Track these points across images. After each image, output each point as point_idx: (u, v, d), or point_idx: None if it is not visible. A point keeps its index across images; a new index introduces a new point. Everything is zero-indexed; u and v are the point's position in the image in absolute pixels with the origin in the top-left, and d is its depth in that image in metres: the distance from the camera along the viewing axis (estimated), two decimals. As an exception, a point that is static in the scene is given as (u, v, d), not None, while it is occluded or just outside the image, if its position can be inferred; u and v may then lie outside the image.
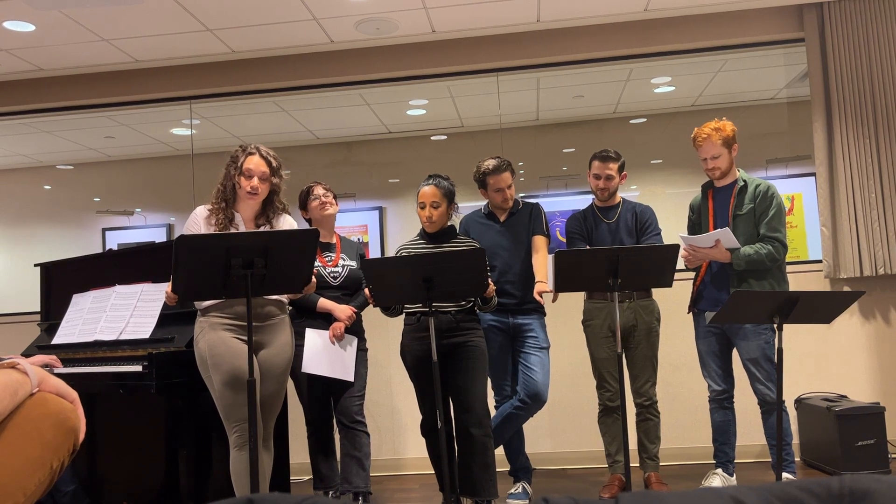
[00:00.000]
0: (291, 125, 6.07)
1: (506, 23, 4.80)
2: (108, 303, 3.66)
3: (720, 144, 3.59)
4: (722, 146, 3.60)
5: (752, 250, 3.50)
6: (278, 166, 3.12)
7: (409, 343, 3.46)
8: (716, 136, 3.58)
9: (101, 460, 3.86)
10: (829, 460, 4.09)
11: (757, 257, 3.49)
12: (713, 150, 3.60)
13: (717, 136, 3.58)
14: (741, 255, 3.49)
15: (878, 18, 4.61)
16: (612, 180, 3.77)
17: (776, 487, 0.88)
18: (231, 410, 2.94)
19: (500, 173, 3.72)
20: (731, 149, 3.63)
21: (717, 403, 3.70)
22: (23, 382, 1.47)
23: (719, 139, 3.59)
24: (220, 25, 4.58)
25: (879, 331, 4.60)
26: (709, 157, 3.62)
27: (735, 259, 3.49)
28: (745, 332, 3.56)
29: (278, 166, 3.12)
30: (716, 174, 3.65)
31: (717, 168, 3.63)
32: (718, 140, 3.59)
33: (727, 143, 3.61)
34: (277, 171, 3.12)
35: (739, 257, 3.49)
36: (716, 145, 3.59)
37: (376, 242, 6.20)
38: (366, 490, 3.63)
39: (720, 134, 3.59)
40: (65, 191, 6.72)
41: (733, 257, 3.49)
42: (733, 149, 3.64)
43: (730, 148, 3.62)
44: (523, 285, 3.71)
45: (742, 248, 3.50)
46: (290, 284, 2.80)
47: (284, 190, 3.20)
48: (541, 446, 4.69)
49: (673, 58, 5.04)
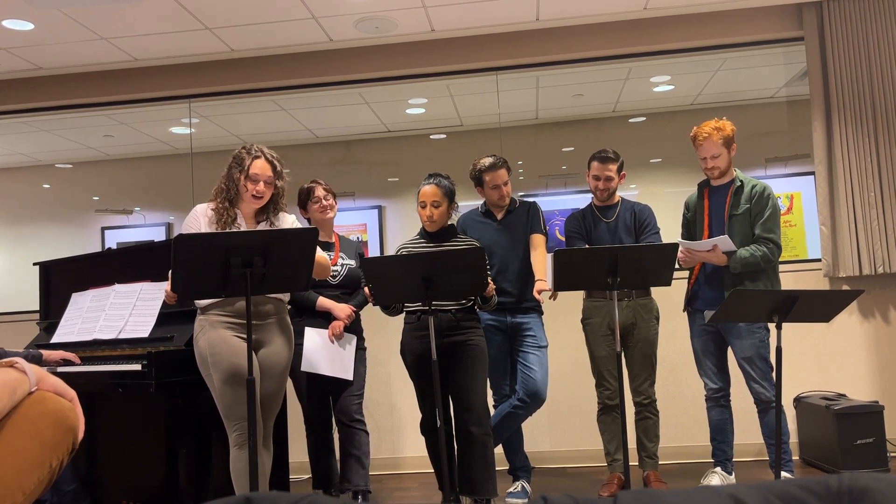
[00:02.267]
0: (291, 124, 6.07)
1: (505, 22, 4.80)
2: (107, 302, 3.66)
3: (720, 144, 3.60)
4: (722, 146, 3.60)
5: (747, 253, 3.51)
6: (281, 169, 3.13)
7: (409, 342, 3.45)
8: (716, 135, 3.59)
9: (100, 459, 3.86)
10: (828, 459, 4.10)
11: (753, 259, 3.50)
12: (713, 149, 3.61)
13: (717, 136, 3.59)
14: (737, 258, 3.50)
15: (877, 17, 4.61)
16: (611, 181, 3.78)
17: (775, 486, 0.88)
18: (231, 409, 2.94)
19: (496, 170, 3.73)
20: (731, 148, 3.64)
21: (713, 402, 3.71)
22: (21, 381, 1.47)
23: (720, 138, 3.59)
24: (220, 24, 4.58)
25: (878, 329, 4.61)
26: (708, 156, 3.63)
27: (732, 262, 3.50)
28: (740, 330, 3.57)
29: (281, 169, 3.13)
30: (714, 173, 3.66)
31: (716, 167, 3.64)
32: (719, 139, 3.59)
33: (727, 142, 3.61)
34: (281, 173, 3.13)
35: (736, 260, 3.50)
36: (716, 144, 3.60)
37: (375, 241, 6.20)
38: (365, 489, 3.63)
39: (720, 133, 3.59)
40: (64, 190, 6.71)
41: (730, 260, 3.50)
42: (732, 148, 3.65)
43: (729, 147, 3.63)
44: (521, 284, 3.71)
45: (738, 251, 3.51)
46: (290, 283, 2.80)
47: (287, 191, 3.21)
48: (540, 445, 4.69)
49: (672, 57, 5.04)
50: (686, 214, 3.84)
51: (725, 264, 3.52)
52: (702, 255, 3.56)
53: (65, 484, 3.70)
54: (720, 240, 3.47)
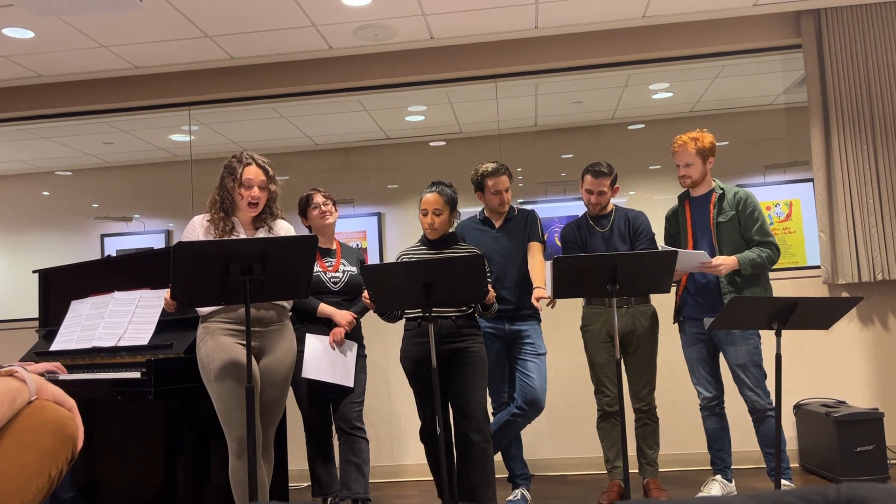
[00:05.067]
0: (290, 131, 6.08)
1: (504, 29, 4.81)
2: (106, 309, 3.66)
3: (693, 153, 3.64)
4: (696, 155, 3.64)
5: (753, 255, 3.53)
6: (274, 173, 3.15)
7: (409, 348, 3.45)
8: (691, 144, 3.63)
9: (99, 467, 3.85)
10: (828, 466, 4.09)
11: (760, 261, 3.53)
12: (686, 157, 3.65)
13: (692, 146, 3.63)
14: (746, 260, 3.51)
15: (874, 25, 4.62)
16: (603, 195, 3.81)
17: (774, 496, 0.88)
18: (231, 417, 2.93)
19: (499, 175, 3.75)
20: (706, 160, 3.67)
21: (708, 411, 3.71)
22: (21, 390, 1.47)
23: (694, 148, 3.63)
24: (219, 32, 4.59)
25: (878, 336, 4.61)
26: (682, 164, 3.68)
27: (742, 264, 3.51)
28: (733, 337, 3.57)
29: (274, 173, 3.15)
30: (686, 182, 3.70)
31: (687, 176, 3.68)
32: (693, 149, 3.63)
33: (701, 153, 3.64)
34: (274, 178, 3.15)
35: (745, 262, 3.51)
36: (689, 154, 3.64)
37: (375, 248, 6.20)
38: (365, 496, 3.62)
39: (696, 144, 3.63)
40: (63, 197, 6.72)
41: (740, 263, 3.51)
42: (708, 161, 3.67)
43: (704, 159, 3.66)
44: (519, 291, 3.72)
45: (744, 253, 3.53)
46: (289, 290, 2.80)
47: (280, 195, 3.22)
48: (539, 452, 4.68)
49: (671, 64, 5.06)
50: (668, 227, 3.86)
51: (738, 267, 3.52)
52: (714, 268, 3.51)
53: (63, 491, 3.69)
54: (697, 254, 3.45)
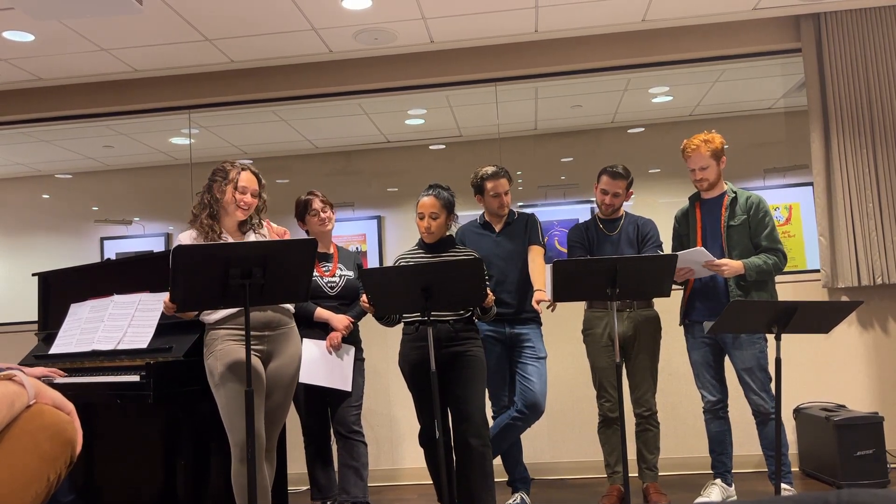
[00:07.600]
0: (290, 135, 6.08)
1: (504, 33, 4.82)
2: (105, 312, 3.66)
3: (708, 156, 3.63)
4: (710, 157, 3.63)
5: (759, 260, 3.53)
6: (265, 183, 3.21)
7: (408, 352, 3.45)
8: (704, 147, 3.62)
9: (98, 470, 3.84)
10: (828, 470, 4.08)
11: (766, 267, 3.53)
12: (701, 161, 3.64)
13: (705, 148, 3.62)
14: (751, 266, 3.51)
15: (874, 29, 4.63)
16: (618, 197, 3.80)
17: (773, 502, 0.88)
18: (235, 421, 2.92)
19: (498, 178, 3.75)
20: (720, 161, 3.67)
21: (712, 414, 3.71)
22: (19, 394, 1.46)
23: (707, 151, 3.62)
24: (220, 35, 4.60)
25: (878, 340, 4.60)
26: (697, 168, 3.66)
27: (747, 270, 3.51)
28: (740, 341, 3.57)
29: (265, 183, 3.21)
30: (703, 185, 3.69)
31: (704, 179, 3.66)
32: (707, 152, 3.62)
33: (715, 154, 3.64)
34: (264, 188, 3.21)
35: (750, 267, 3.51)
36: (704, 157, 3.63)
37: (375, 251, 6.20)
38: (364, 500, 3.62)
39: (709, 146, 3.62)
40: (63, 200, 6.72)
41: (746, 268, 3.50)
42: (721, 161, 3.67)
43: (718, 160, 3.66)
44: (519, 295, 3.71)
45: (750, 259, 3.53)
46: (289, 294, 2.80)
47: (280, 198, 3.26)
48: (540, 456, 4.68)
49: (671, 68, 5.06)
50: (677, 228, 3.85)
51: (743, 272, 3.51)
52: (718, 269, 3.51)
53: (62, 495, 3.69)
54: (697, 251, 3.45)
